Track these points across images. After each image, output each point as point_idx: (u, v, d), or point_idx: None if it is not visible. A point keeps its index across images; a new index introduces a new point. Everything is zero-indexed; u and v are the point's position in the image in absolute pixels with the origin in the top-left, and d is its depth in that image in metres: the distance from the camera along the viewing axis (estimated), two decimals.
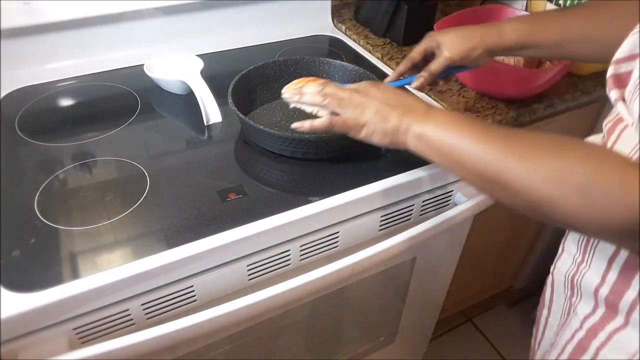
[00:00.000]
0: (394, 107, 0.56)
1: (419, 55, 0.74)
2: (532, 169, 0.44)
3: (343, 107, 0.58)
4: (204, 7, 1.02)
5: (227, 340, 0.72)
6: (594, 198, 0.40)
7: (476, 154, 0.49)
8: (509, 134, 0.49)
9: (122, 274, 0.56)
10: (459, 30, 0.70)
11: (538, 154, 0.45)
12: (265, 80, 0.87)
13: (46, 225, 0.61)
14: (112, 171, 0.71)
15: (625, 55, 0.49)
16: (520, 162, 0.45)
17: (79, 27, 0.91)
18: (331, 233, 0.70)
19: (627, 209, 0.39)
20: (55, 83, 0.91)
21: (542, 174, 0.44)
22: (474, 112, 0.89)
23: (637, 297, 0.48)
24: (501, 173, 0.46)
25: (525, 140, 0.47)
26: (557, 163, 0.43)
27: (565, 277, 0.58)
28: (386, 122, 0.56)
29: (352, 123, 0.58)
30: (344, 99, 0.58)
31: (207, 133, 0.80)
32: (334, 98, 0.59)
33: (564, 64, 0.86)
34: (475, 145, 0.49)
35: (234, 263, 0.64)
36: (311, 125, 0.61)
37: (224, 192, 0.67)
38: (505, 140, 0.48)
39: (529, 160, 0.45)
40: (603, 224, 0.41)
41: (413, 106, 0.56)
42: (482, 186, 0.51)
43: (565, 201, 0.42)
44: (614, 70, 0.50)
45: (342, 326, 0.92)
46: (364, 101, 0.57)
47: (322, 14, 1.18)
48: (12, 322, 0.51)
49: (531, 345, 0.70)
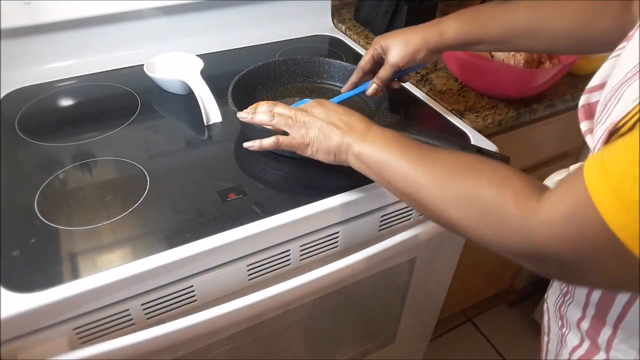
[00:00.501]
0: (336, 125, 0.58)
1: (368, 64, 0.76)
2: (441, 190, 0.47)
3: (289, 126, 0.60)
4: (204, 7, 1.02)
5: (227, 340, 0.72)
6: (493, 222, 0.42)
7: (400, 173, 0.51)
8: (428, 154, 0.51)
9: (122, 274, 0.56)
10: (402, 35, 0.71)
11: (448, 176, 0.47)
12: (265, 80, 0.87)
13: (46, 225, 0.61)
14: (112, 171, 0.71)
15: (596, 84, 0.48)
16: (432, 183, 0.48)
17: (79, 27, 0.91)
18: (331, 233, 0.70)
19: (522, 236, 0.39)
20: (55, 83, 0.91)
21: (449, 196, 0.46)
22: (473, 112, 0.89)
23: (612, 334, 0.47)
24: (417, 192, 0.49)
25: (439, 161, 0.49)
26: (464, 186, 0.45)
27: (555, 306, 0.58)
28: (329, 141, 0.58)
29: (297, 142, 0.60)
30: (291, 117, 0.60)
31: (207, 133, 0.80)
32: (281, 117, 0.61)
33: (564, 64, 0.86)
34: (399, 164, 0.51)
35: (234, 263, 0.64)
36: (260, 144, 0.63)
37: (224, 192, 0.67)
38: (423, 160, 0.50)
39: (440, 182, 0.47)
40: (505, 248, 0.42)
41: (354, 125, 0.58)
42: (409, 204, 0.53)
43: (470, 224, 0.44)
44: (585, 100, 0.49)
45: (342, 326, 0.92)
46: (308, 120, 0.59)
47: (322, 14, 1.18)
48: (12, 322, 0.51)
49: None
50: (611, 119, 0.38)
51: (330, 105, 0.61)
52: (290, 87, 0.89)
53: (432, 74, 1.00)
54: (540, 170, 1.12)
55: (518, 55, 0.91)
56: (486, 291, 1.43)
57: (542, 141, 1.06)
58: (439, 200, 0.46)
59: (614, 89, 0.41)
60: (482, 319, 1.58)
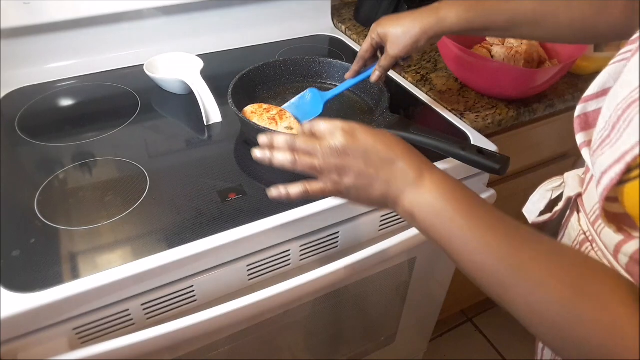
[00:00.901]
0: (378, 169, 0.47)
1: (368, 53, 0.76)
2: (541, 308, 0.37)
3: (317, 172, 0.49)
4: (204, 7, 1.02)
5: (227, 340, 0.72)
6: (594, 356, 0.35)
7: (470, 253, 0.42)
8: (509, 231, 0.41)
9: (122, 274, 0.56)
10: (399, 24, 0.70)
11: (539, 273, 0.38)
12: (265, 80, 0.87)
13: (46, 225, 0.61)
14: (112, 171, 0.71)
15: (594, 92, 0.45)
16: (526, 291, 0.38)
17: (79, 27, 0.91)
18: (331, 233, 0.70)
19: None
20: (55, 83, 0.91)
21: (549, 321, 0.37)
22: (473, 112, 0.89)
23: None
24: (503, 294, 0.40)
25: (527, 248, 0.40)
26: (575, 311, 0.36)
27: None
28: (370, 190, 0.47)
29: (330, 190, 0.49)
30: (317, 158, 0.48)
31: (207, 133, 0.80)
32: (306, 158, 0.49)
33: (564, 64, 0.86)
34: (468, 239, 0.42)
35: (234, 263, 0.64)
36: (288, 194, 0.52)
37: (224, 192, 0.67)
38: (507, 247, 0.40)
39: (528, 280, 0.38)
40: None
41: (401, 169, 0.46)
42: (467, 273, 0.44)
43: (560, 347, 0.38)
44: (581, 109, 0.45)
45: (342, 326, 0.92)
46: (340, 164, 0.47)
47: (322, 14, 1.18)
48: (12, 322, 0.51)
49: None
50: (623, 146, 0.35)
51: (367, 139, 0.48)
52: (290, 87, 0.89)
53: (432, 74, 1.00)
54: (540, 170, 1.12)
55: (518, 55, 0.91)
56: None
57: (542, 141, 1.06)
58: (536, 317, 0.38)
59: (621, 107, 0.37)
60: (482, 319, 1.58)
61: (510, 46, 0.94)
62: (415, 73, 1.00)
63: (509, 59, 0.92)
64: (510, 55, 0.92)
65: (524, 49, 0.92)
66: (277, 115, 0.75)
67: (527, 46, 0.92)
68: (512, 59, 0.91)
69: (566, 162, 1.16)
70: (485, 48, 0.97)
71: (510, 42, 0.96)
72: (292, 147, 0.50)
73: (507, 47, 0.94)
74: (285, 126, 0.74)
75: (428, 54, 1.07)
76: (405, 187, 0.46)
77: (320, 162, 0.48)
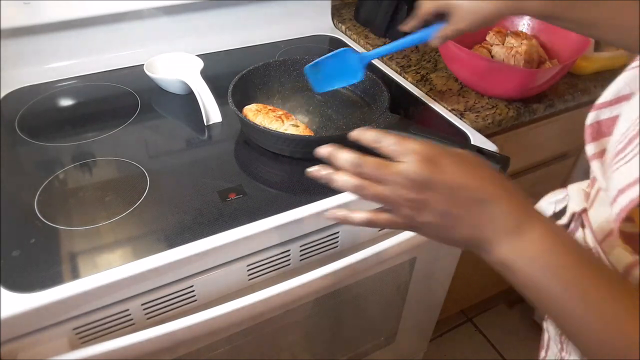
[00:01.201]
0: (467, 210, 0.39)
1: (431, 16, 0.71)
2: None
3: (391, 204, 0.41)
4: (204, 7, 1.02)
5: (227, 340, 0.72)
6: None
7: (573, 314, 0.36)
8: (616, 294, 0.36)
9: (122, 274, 0.56)
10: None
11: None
12: (265, 80, 0.87)
13: (46, 225, 0.61)
14: (112, 171, 0.71)
15: (608, 99, 0.41)
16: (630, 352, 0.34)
17: (79, 27, 0.91)
18: (331, 233, 0.70)
19: None
20: (55, 83, 0.91)
21: None
22: (473, 112, 0.89)
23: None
24: (595, 342, 0.36)
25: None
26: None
27: (556, 330, 0.54)
28: (452, 232, 0.40)
29: (401, 223, 0.42)
30: (390, 195, 0.41)
31: (207, 133, 0.80)
32: (374, 183, 0.41)
33: (564, 64, 0.86)
34: (573, 303, 0.36)
35: (234, 263, 0.64)
36: (346, 217, 0.47)
37: (224, 192, 0.67)
38: (612, 304, 0.35)
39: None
40: None
41: (496, 214, 0.38)
42: (561, 330, 0.40)
43: None
44: (594, 117, 0.42)
45: (342, 326, 0.92)
46: (419, 200, 0.39)
47: (322, 14, 1.18)
48: (12, 322, 0.51)
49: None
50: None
51: (454, 172, 0.39)
52: (290, 87, 0.89)
53: (432, 74, 1.00)
54: (540, 170, 1.12)
55: (518, 55, 0.91)
56: (486, 291, 1.43)
57: (542, 141, 1.06)
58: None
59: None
60: (482, 319, 1.58)
61: (510, 46, 0.94)
62: (415, 73, 1.00)
63: (509, 59, 0.92)
64: (511, 55, 0.91)
65: (524, 49, 0.92)
66: (284, 115, 0.75)
67: (527, 46, 0.92)
68: (512, 59, 0.91)
69: (566, 162, 1.16)
70: (485, 48, 0.97)
71: (510, 42, 0.96)
72: (359, 168, 0.42)
73: (507, 47, 0.94)
74: (292, 124, 0.74)
75: (428, 54, 1.07)
76: (502, 235, 0.38)
77: (392, 193, 0.40)
